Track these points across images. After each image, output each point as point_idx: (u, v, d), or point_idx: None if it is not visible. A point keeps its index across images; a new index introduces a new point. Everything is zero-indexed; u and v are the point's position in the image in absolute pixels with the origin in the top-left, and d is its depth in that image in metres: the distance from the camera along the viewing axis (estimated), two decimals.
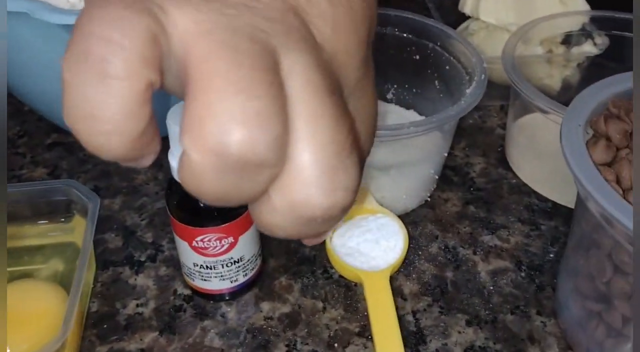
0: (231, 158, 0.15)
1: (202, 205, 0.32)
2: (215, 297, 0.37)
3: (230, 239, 0.34)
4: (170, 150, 0.31)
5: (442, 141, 0.41)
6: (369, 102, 0.21)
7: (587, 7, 0.50)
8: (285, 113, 0.16)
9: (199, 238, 0.33)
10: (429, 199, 0.43)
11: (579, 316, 0.33)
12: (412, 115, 0.47)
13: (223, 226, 0.33)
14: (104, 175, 0.47)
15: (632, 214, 0.25)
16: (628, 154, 0.30)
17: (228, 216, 0.33)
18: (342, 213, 0.18)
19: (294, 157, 0.16)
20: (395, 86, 0.48)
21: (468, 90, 0.39)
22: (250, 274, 0.36)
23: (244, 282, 0.36)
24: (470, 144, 0.49)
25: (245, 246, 0.35)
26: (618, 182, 0.29)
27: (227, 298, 0.37)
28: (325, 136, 0.16)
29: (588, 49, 0.48)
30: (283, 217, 0.17)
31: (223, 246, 0.34)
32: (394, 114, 0.48)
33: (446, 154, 0.42)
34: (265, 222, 0.18)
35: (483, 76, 0.39)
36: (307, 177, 0.16)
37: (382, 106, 0.48)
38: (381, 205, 0.40)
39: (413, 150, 0.40)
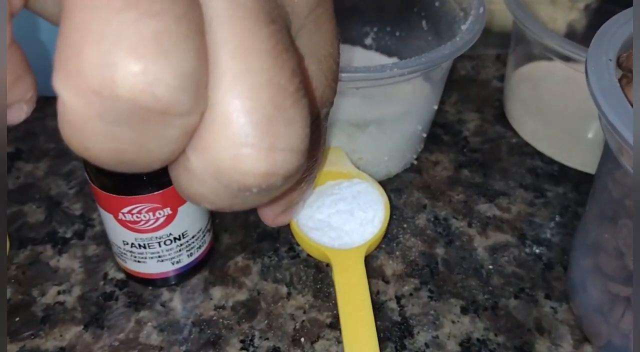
0: (120, 102, 0.11)
1: None
2: (155, 283, 0.30)
3: (167, 211, 0.26)
4: None
5: (430, 91, 0.34)
6: (326, 37, 0.17)
7: None
8: (201, 41, 0.12)
9: (125, 210, 0.26)
10: (415, 162, 0.37)
11: (599, 300, 0.27)
12: None
13: (156, 193, 0.26)
14: (28, 135, 0.39)
15: None
16: None
17: (163, 180, 0.26)
18: (284, 182, 0.13)
19: (217, 103, 0.12)
20: (375, 30, 0.41)
21: (464, 27, 0.32)
22: (196, 254, 0.29)
23: (189, 263, 0.29)
24: (463, 98, 0.42)
25: (188, 219, 0.28)
26: None
27: (168, 283, 0.30)
28: (259, 76, 0.12)
29: None
30: (205, 186, 0.13)
31: (158, 219, 0.27)
32: (375, 63, 0.40)
33: (436, 108, 0.35)
34: (185, 190, 0.14)
35: (482, 9, 0.32)
36: (235, 131, 0.12)
37: (360, 53, 0.41)
38: (358, 168, 0.33)
39: (396, 101, 0.33)
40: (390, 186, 0.35)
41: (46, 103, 0.40)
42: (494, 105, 0.41)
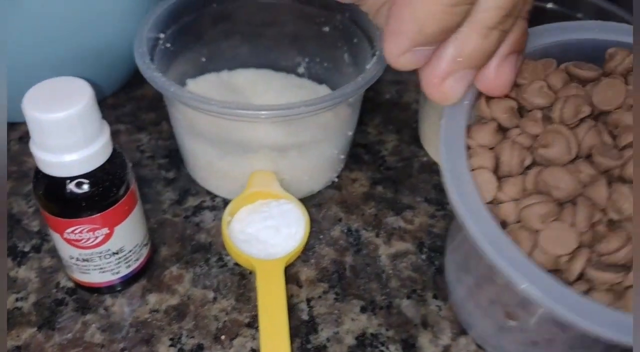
0: None
1: (68, 195, 0.30)
2: (99, 290, 0.35)
3: (105, 230, 0.31)
4: (31, 140, 0.29)
5: (343, 120, 0.39)
6: None
7: None
8: None
9: (69, 230, 0.31)
10: (336, 180, 0.42)
11: (462, 296, 0.32)
12: (324, 91, 0.45)
13: (94, 216, 0.30)
14: None
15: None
16: (520, 135, 0.26)
17: (99, 205, 0.30)
18: None
19: None
20: (307, 60, 0.46)
21: (368, 66, 0.37)
22: (134, 266, 0.34)
23: (127, 274, 0.34)
24: (385, 121, 0.47)
25: (125, 237, 0.32)
26: (496, 168, 0.26)
27: (110, 291, 0.35)
28: None
29: None
30: None
31: (97, 237, 0.31)
32: (306, 89, 0.45)
33: (351, 133, 0.40)
34: None
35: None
36: None
37: (294, 80, 0.46)
38: (284, 188, 0.38)
39: (311, 130, 0.38)
40: (312, 201, 0.40)
41: (10, 128, 0.45)
42: (411, 127, 0.46)
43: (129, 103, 0.48)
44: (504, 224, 0.23)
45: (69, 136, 0.28)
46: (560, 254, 0.22)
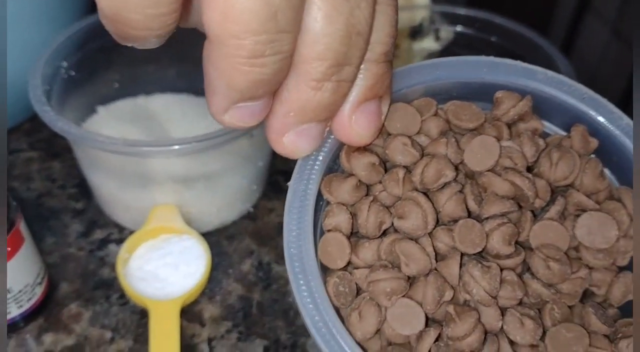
0: None
1: None
2: None
3: None
4: None
5: (251, 150, 0.38)
6: None
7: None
8: None
9: None
10: (252, 210, 0.41)
11: None
12: None
13: None
14: None
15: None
16: (382, 192, 0.23)
17: None
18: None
19: None
20: None
21: None
22: (27, 306, 0.33)
23: (21, 313, 0.33)
24: None
25: (11, 277, 0.31)
26: (354, 228, 0.22)
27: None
28: None
29: (428, 45, 0.46)
30: None
31: None
32: None
33: (262, 164, 0.39)
34: None
35: None
36: None
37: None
38: (189, 221, 0.37)
39: (216, 161, 0.37)
40: (225, 233, 0.39)
41: None
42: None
43: (45, 128, 0.46)
44: (358, 290, 0.22)
45: None
46: (407, 335, 0.21)
